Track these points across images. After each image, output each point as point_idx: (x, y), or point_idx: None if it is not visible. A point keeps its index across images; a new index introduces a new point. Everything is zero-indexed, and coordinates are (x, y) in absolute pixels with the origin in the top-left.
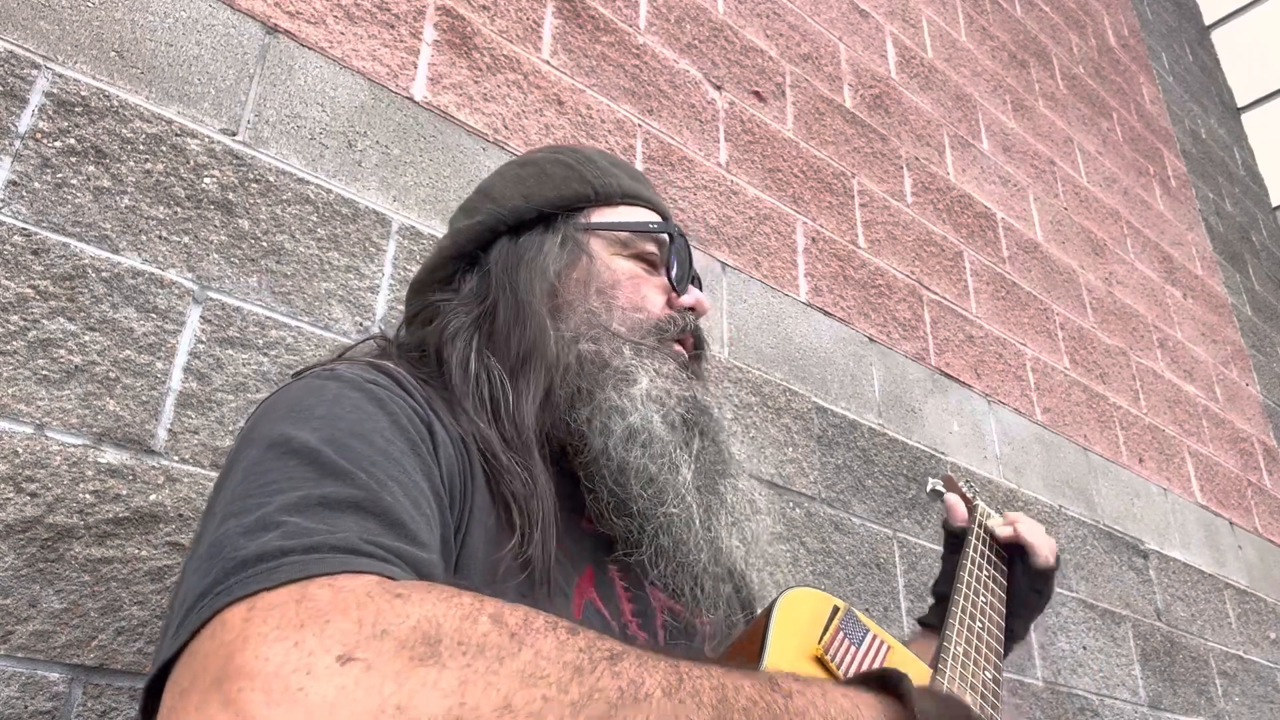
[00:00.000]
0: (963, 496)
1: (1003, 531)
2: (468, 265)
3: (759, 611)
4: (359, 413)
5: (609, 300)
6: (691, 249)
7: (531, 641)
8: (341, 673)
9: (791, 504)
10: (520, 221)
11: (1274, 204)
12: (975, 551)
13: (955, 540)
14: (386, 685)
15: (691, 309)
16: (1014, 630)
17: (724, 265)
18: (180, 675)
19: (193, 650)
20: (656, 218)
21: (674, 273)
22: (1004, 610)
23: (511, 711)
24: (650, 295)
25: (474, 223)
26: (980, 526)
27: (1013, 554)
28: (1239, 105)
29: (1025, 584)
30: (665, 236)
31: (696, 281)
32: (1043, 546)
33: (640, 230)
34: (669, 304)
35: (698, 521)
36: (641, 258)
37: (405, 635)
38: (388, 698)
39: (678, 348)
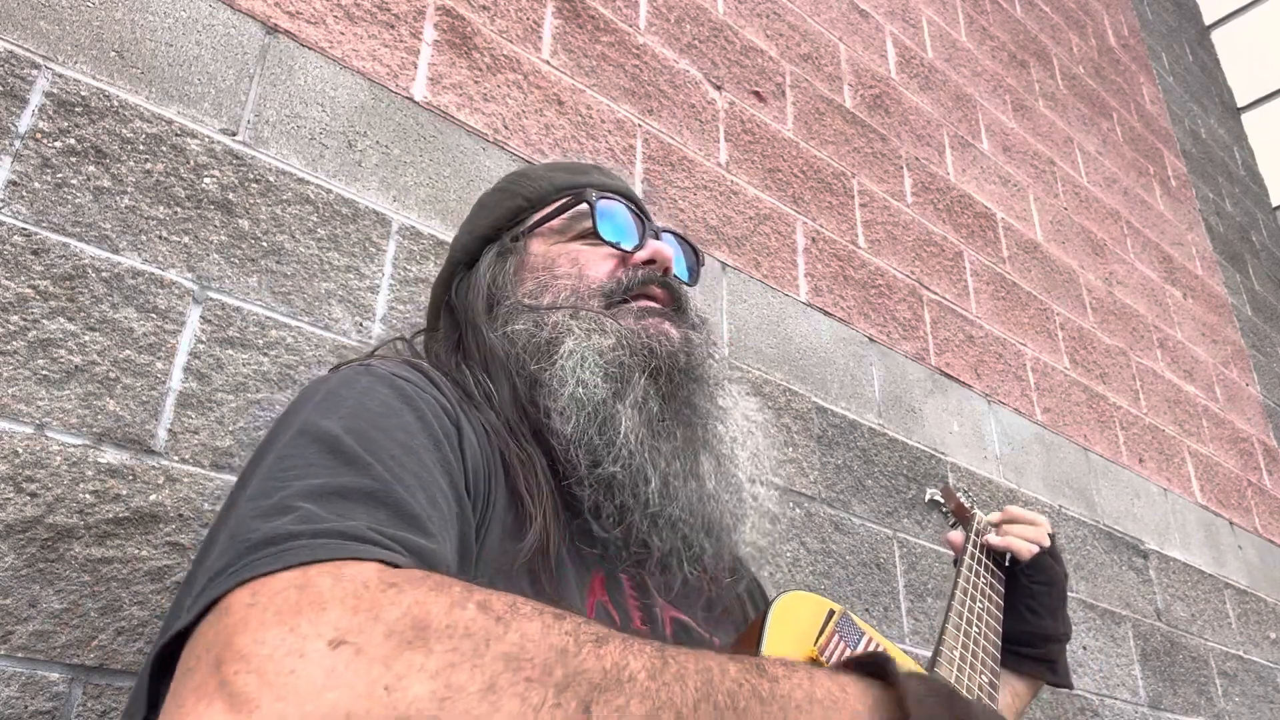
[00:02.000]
0: (959, 506)
1: (996, 540)
2: (447, 310)
3: (757, 603)
4: (385, 407)
5: (543, 281)
6: (643, 205)
7: (517, 625)
8: (332, 655)
9: (791, 504)
10: (472, 257)
11: (1274, 204)
12: (972, 559)
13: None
14: (374, 668)
15: (650, 261)
16: (1045, 630)
17: (724, 265)
18: (186, 655)
19: (198, 632)
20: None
21: (608, 232)
22: (1001, 616)
23: (496, 692)
24: (592, 264)
25: (441, 274)
26: (976, 534)
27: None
28: (1239, 105)
29: (1025, 580)
30: (584, 205)
31: (689, 253)
32: (1020, 542)
33: (561, 208)
34: (624, 265)
35: (654, 473)
36: (584, 237)
37: (394, 621)
38: (375, 679)
39: (640, 302)
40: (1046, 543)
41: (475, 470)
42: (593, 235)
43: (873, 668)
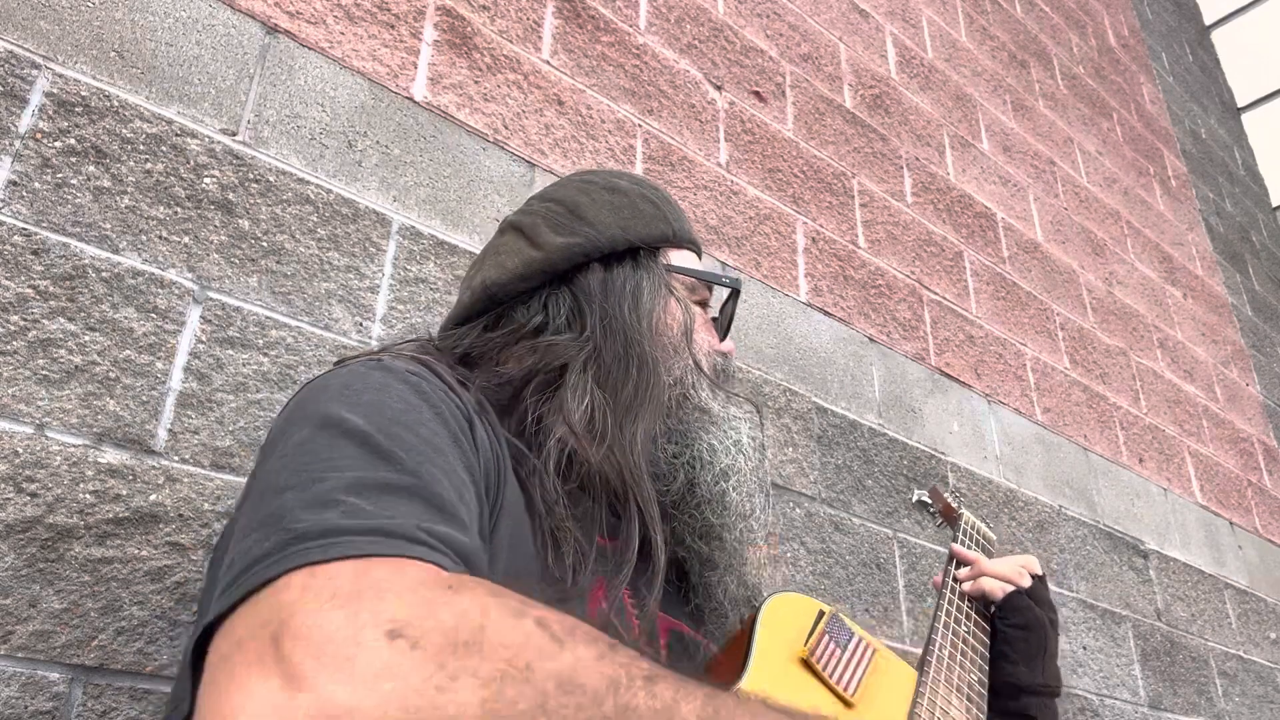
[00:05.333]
0: (947, 507)
1: (966, 585)
2: (558, 285)
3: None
4: (404, 403)
5: (693, 342)
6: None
7: (573, 648)
8: (389, 647)
9: (791, 504)
10: (613, 251)
11: (1274, 204)
12: (953, 594)
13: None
14: (429, 665)
15: (725, 355)
16: (1020, 680)
17: (724, 265)
18: (237, 626)
19: (254, 605)
20: (709, 265)
21: (728, 324)
22: (989, 612)
23: (546, 713)
24: (713, 339)
25: (570, 243)
26: (965, 536)
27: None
28: (1239, 105)
29: (1000, 624)
30: (729, 290)
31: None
32: (992, 583)
33: (714, 281)
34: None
35: (765, 552)
36: (700, 302)
37: (453, 622)
38: (428, 678)
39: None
40: (1024, 583)
41: (486, 468)
42: (704, 303)
43: None
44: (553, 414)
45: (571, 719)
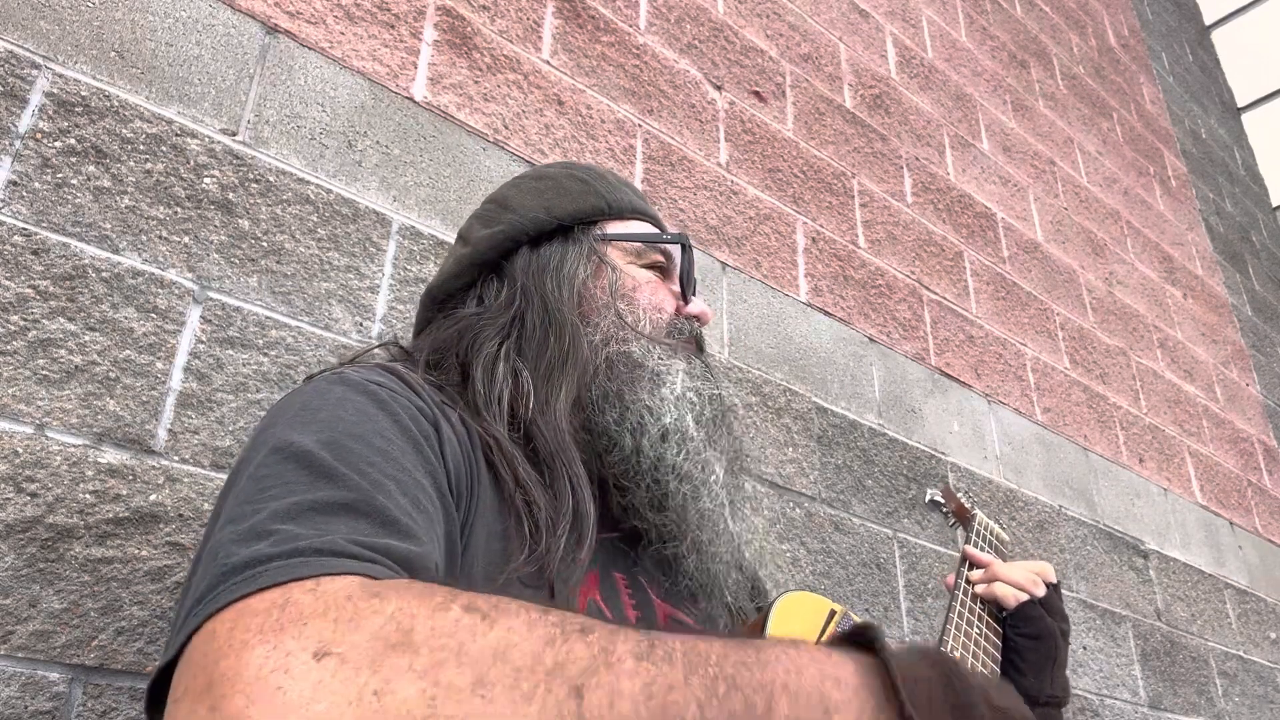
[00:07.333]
0: (960, 507)
1: (979, 588)
2: (489, 274)
3: (761, 607)
4: (360, 415)
5: (632, 303)
6: (693, 255)
7: (504, 621)
8: (318, 668)
9: (791, 504)
10: (540, 232)
11: (1274, 204)
12: (966, 595)
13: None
14: (361, 674)
15: (696, 318)
16: (1026, 689)
17: (724, 265)
18: (176, 683)
19: (186, 659)
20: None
21: (685, 280)
22: (1001, 616)
23: (486, 685)
24: (665, 300)
25: (494, 232)
26: (978, 536)
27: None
28: (1239, 105)
29: (1010, 632)
30: (678, 246)
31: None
32: (1006, 589)
33: (655, 241)
34: (677, 310)
35: (727, 514)
36: (652, 267)
37: (379, 627)
38: (364, 685)
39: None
40: (1039, 591)
41: (456, 470)
42: (660, 268)
43: (860, 640)
44: (492, 388)
45: (515, 683)
